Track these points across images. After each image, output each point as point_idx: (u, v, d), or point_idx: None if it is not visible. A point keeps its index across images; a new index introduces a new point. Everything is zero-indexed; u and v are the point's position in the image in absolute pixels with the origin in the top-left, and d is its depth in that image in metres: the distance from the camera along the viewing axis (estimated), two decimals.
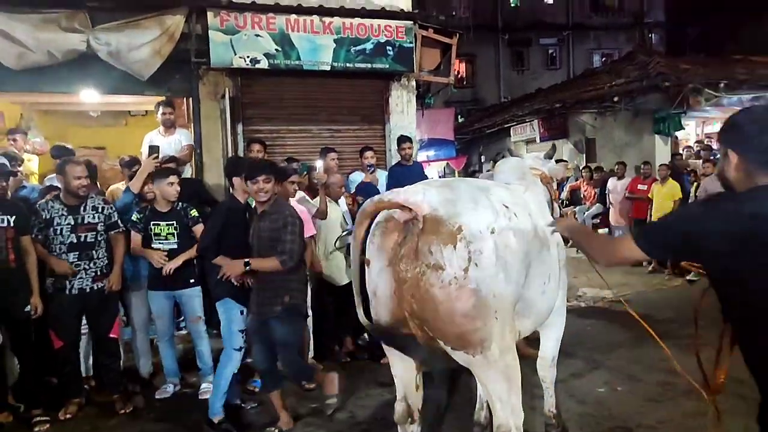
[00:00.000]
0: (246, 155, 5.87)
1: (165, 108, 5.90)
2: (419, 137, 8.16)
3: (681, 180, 9.10)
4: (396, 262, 2.51)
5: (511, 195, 2.87)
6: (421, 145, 10.18)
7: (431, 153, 14.90)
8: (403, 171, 6.41)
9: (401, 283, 2.49)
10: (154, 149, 5.14)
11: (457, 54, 7.83)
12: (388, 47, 6.93)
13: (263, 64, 6.46)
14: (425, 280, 2.42)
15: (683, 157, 10.42)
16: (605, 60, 25.05)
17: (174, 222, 4.50)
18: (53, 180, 5.11)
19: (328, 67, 6.74)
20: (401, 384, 2.86)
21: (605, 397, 4.39)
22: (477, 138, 18.15)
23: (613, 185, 10.23)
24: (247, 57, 6.38)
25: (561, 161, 10.45)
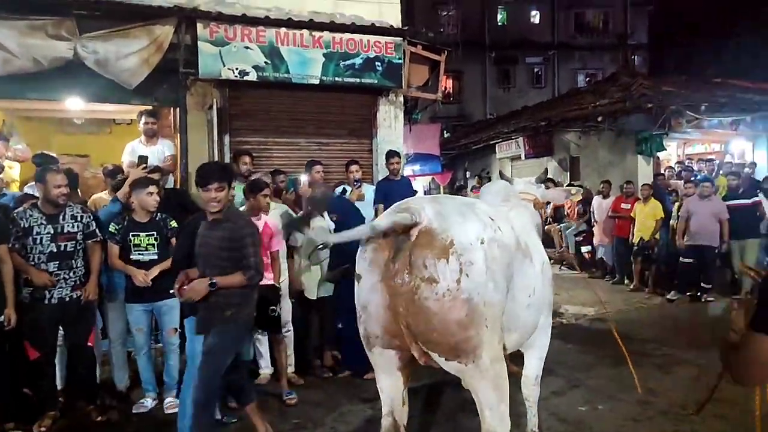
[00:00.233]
0: (234, 167, 5.84)
1: (148, 117, 5.88)
2: (405, 152, 8.20)
3: (663, 200, 9.23)
4: (389, 276, 2.55)
5: (495, 210, 2.99)
6: (408, 160, 10.21)
7: (417, 167, 14.94)
8: (391, 185, 6.44)
9: (395, 297, 2.53)
10: (143, 159, 5.10)
11: (445, 70, 7.92)
12: (377, 62, 6.98)
13: (252, 76, 6.47)
14: (419, 293, 2.48)
15: (665, 178, 10.57)
16: (589, 79, 25.48)
17: (154, 233, 4.46)
18: (32, 189, 5.04)
19: (317, 81, 6.77)
20: (388, 399, 2.85)
21: (586, 416, 4.40)
22: (462, 154, 18.26)
23: (598, 203, 10.34)
24: (236, 69, 6.39)
25: (570, 185, 10.59)
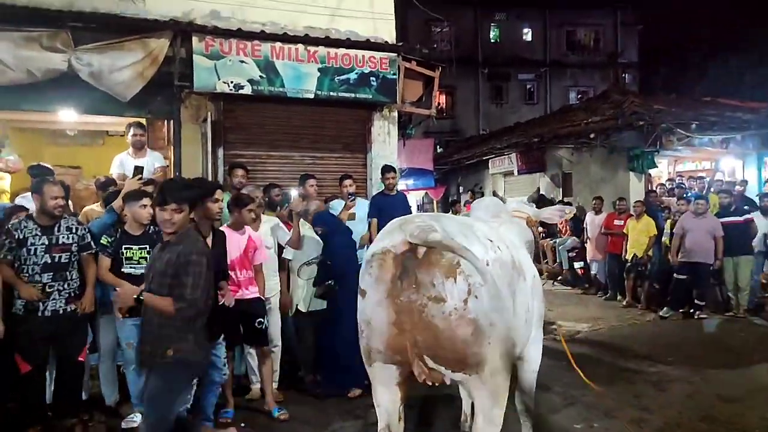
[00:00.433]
0: (227, 180, 5.82)
1: (136, 129, 5.83)
2: (399, 166, 8.22)
3: (655, 216, 9.27)
4: (396, 294, 2.59)
5: (490, 229, 3.07)
6: (401, 175, 10.26)
7: (410, 182, 14.98)
8: (386, 200, 6.43)
9: (401, 314, 2.58)
10: (138, 170, 5.08)
11: (438, 86, 7.96)
12: (371, 78, 7.02)
13: (247, 89, 6.48)
14: (427, 311, 2.54)
15: (657, 195, 10.63)
16: (581, 97, 25.78)
17: (147, 246, 4.37)
18: (25, 200, 4.99)
19: (311, 95, 6.79)
20: (385, 414, 2.87)
21: None
22: (456, 169, 18.32)
23: (591, 219, 10.36)
24: (231, 82, 6.39)
25: (561, 201, 10.61)
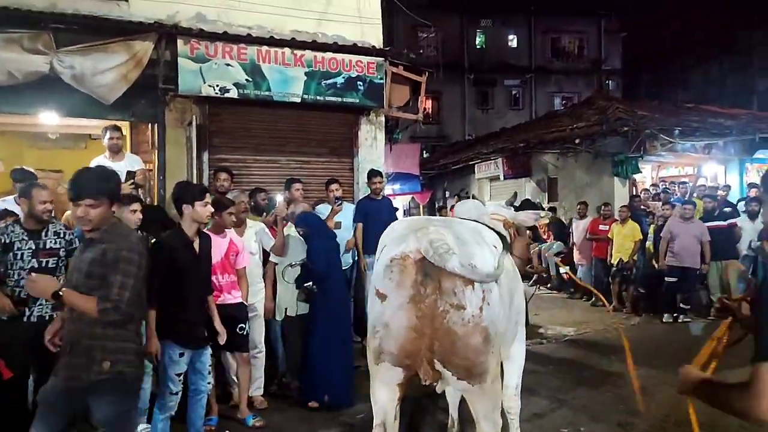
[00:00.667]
0: (212, 185, 5.75)
1: (112, 132, 5.72)
2: (386, 171, 8.22)
3: (639, 221, 9.36)
4: (420, 299, 2.64)
5: (492, 235, 3.13)
6: (388, 179, 10.25)
7: (397, 187, 14.99)
8: (373, 205, 6.42)
9: (424, 320, 2.63)
10: (131, 174, 5.06)
11: (425, 91, 7.97)
12: (358, 82, 7.00)
13: (233, 93, 6.42)
14: (448, 318, 2.61)
15: (641, 200, 10.74)
16: (565, 103, 26.00)
17: None
18: (5, 203, 4.90)
19: (298, 99, 6.75)
20: (381, 411, 2.90)
21: None
22: (442, 173, 18.37)
23: (576, 224, 10.44)
24: (217, 86, 6.33)
25: (551, 209, 10.68)
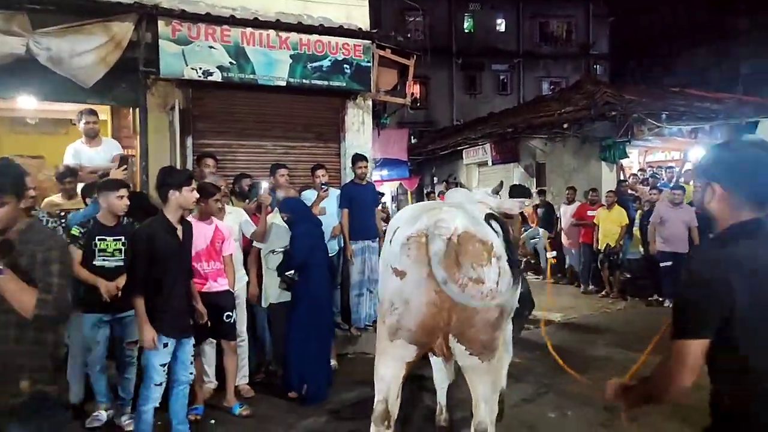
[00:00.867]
0: (196, 170, 5.64)
1: (88, 117, 5.56)
2: (373, 156, 8.13)
3: (626, 206, 9.38)
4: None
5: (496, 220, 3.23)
6: (376, 165, 10.16)
7: (385, 173, 14.93)
8: (358, 189, 6.36)
9: (442, 294, 2.65)
10: (124, 160, 4.95)
11: (413, 75, 7.87)
12: (345, 65, 6.87)
13: (216, 76, 6.27)
14: (467, 292, 2.65)
15: (628, 184, 10.77)
16: (553, 87, 25.97)
17: (122, 238, 4.22)
18: None
19: (283, 83, 6.62)
20: (385, 386, 2.93)
21: (556, 423, 4.39)
22: (430, 159, 18.29)
23: (564, 210, 10.45)
24: (200, 69, 6.18)
25: (529, 194, 10.62)
